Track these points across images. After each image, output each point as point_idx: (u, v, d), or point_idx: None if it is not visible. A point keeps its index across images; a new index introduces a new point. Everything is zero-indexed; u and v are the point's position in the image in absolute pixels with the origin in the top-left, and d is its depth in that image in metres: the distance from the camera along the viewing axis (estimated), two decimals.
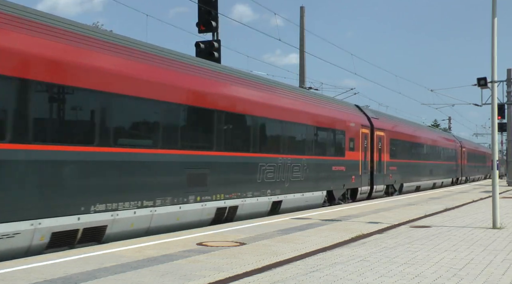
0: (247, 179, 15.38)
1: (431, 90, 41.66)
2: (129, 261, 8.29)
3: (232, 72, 16.06)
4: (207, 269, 7.75)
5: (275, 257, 8.80)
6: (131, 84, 11.26)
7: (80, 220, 9.93)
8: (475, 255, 9.34)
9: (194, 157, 13.10)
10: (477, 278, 7.43)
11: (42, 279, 6.94)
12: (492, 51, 13.68)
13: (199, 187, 13.21)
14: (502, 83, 33.13)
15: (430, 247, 10.20)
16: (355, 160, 23.08)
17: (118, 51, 11.39)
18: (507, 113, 38.66)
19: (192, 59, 14.46)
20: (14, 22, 9.18)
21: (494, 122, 14.45)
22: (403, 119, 35.61)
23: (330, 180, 20.57)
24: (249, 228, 12.69)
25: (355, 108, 25.70)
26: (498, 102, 19.87)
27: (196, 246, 9.86)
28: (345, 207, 19.18)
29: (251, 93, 15.91)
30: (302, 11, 31.56)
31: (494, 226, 13.41)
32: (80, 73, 10.09)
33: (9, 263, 7.98)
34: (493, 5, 13.49)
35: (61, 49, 9.90)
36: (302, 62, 31.40)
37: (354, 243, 10.58)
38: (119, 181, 10.90)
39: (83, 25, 11.29)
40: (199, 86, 13.57)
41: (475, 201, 23.43)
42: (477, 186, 41.56)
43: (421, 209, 18.54)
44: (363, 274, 7.60)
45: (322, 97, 23.04)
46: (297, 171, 17.93)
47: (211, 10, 17.82)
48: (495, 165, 13.87)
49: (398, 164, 28.84)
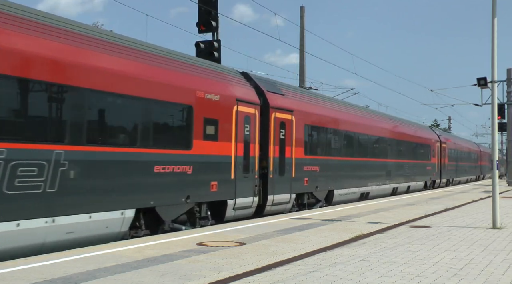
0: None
1: (431, 90, 41.73)
2: (129, 261, 8.28)
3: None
4: (207, 269, 7.75)
5: (275, 257, 8.80)
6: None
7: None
8: (475, 255, 9.34)
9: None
10: (477, 278, 7.43)
11: (42, 279, 6.94)
12: (492, 51, 13.68)
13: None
14: (502, 83, 33.22)
15: (430, 247, 10.20)
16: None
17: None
18: (507, 113, 38.67)
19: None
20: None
21: (494, 122, 14.46)
22: (333, 99, 26.29)
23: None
24: (249, 228, 12.69)
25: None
26: (498, 102, 19.90)
27: (196, 246, 9.86)
28: (345, 207, 19.16)
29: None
30: (302, 11, 31.56)
31: (494, 226, 13.41)
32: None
33: (9, 263, 7.98)
34: (493, 5, 13.50)
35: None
36: (302, 62, 31.40)
37: (354, 243, 10.58)
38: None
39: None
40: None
41: (475, 201, 23.43)
42: (477, 186, 41.54)
43: (421, 209, 18.53)
44: (363, 274, 7.60)
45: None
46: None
47: (211, 10, 17.81)
48: (495, 165, 13.87)
49: (321, 162, 20.27)
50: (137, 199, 11.57)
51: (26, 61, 9.25)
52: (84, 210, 10.22)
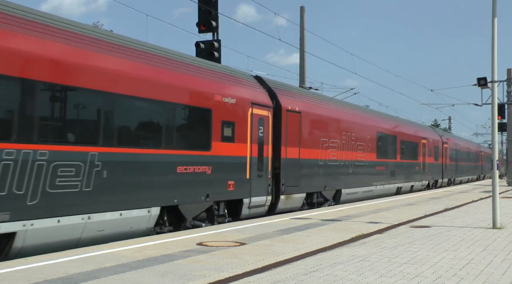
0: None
1: (431, 90, 41.78)
2: (129, 261, 8.29)
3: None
4: (207, 269, 7.75)
5: (275, 257, 8.80)
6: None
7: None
8: (475, 255, 9.34)
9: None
10: (477, 278, 7.43)
11: (42, 279, 6.94)
12: (492, 51, 13.69)
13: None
14: (502, 83, 33.18)
15: (430, 247, 10.20)
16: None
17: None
18: (507, 113, 38.67)
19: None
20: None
21: (494, 122, 14.45)
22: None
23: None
24: (249, 228, 12.69)
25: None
26: (498, 102, 19.86)
27: (196, 246, 9.86)
28: (345, 207, 19.16)
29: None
30: (302, 11, 31.56)
31: (494, 226, 13.41)
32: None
33: (9, 263, 7.99)
34: (493, 5, 13.50)
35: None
36: (302, 62, 31.41)
37: (354, 243, 10.58)
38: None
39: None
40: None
41: (475, 201, 23.42)
42: (477, 186, 41.54)
43: (421, 209, 18.53)
44: (363, 274, 7.60)
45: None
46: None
47: (211, 10, 17.81)
48: (495, 165, 13.87)
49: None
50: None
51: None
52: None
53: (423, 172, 34.23)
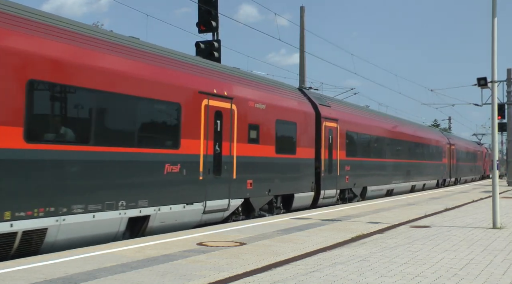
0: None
1: (431, 90, 41.77)
2: (129, 261, 8.29)
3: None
4: (207, 269, 7.75)
5: (275, 257, 8.80)
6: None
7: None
8: (475, 255, 9.34)
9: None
10: (477, 278, 7.44)
11: (42, 279, 6.94)
12: (492, 51, 13.69)
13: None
14: (502, 83, 33.18)
15: (430, 247, 10.20)
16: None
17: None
18: (507, 113, 38.67)
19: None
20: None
21: (494, 122, 14.45)
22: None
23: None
24: (249, 228, 12.70)
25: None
26: (498, 102, 19.87)
27: (196, 246, 9.86)
28: (345, 207, 19.17)
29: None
30: (302, 11, 31.58)
31: (494, 226, 13.41)
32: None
33: (9, 263, 7.99)
34: (493, 5, 13.49)
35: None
36: (302, 62, 31.42)
37: (354, 243, 10.58)
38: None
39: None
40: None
41: (475, 201, 23.43)
42: (477, 186, 41.56)
43: (421, 209, 18.54)
44: (363, 274, 7.60)
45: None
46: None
47: (211, 10, 17.81)
48: (495, 165, 13.87)
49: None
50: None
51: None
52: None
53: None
